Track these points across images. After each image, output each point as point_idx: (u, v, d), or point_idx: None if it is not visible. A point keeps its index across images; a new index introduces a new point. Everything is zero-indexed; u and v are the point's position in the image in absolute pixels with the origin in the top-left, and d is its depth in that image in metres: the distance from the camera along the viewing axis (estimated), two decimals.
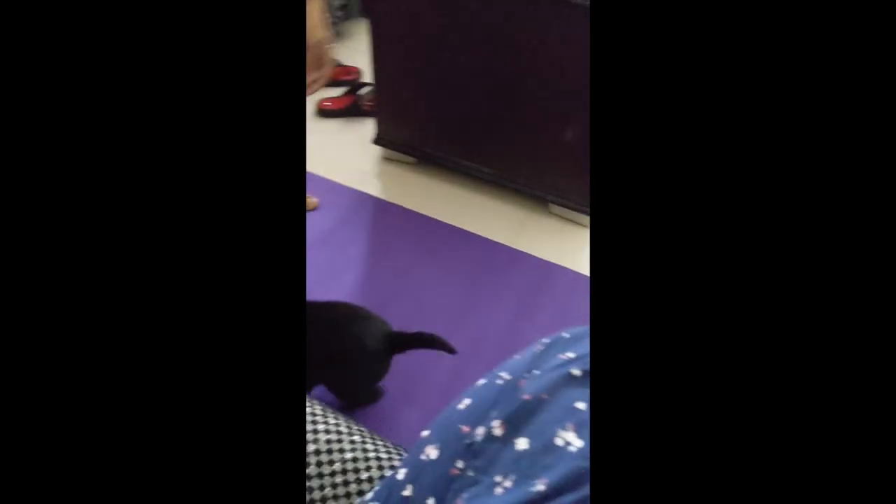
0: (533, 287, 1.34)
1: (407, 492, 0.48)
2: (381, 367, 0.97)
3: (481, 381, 0.52)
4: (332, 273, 1.32)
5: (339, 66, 1.92)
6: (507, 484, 0.39)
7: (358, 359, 0.92)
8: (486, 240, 1.43)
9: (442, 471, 0.46)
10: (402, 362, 1.16)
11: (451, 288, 1.31)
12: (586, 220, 1.49)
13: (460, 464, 0.45)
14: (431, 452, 0.48)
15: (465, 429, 0.47)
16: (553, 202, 1.49)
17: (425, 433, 0.52)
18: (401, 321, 1.24)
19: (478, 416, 0.47)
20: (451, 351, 0.97)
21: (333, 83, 1.90)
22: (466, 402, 0.50)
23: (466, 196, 1.56)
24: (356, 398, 1.04)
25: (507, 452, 0.41)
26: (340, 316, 0.94)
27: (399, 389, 1.11)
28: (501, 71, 1.32)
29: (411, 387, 1.12)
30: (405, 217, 1.48)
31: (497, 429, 0.44)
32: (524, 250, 1.41)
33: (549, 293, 1.33)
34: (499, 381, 0.49)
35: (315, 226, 1.43)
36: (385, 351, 0.94)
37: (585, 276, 1.37)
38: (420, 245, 1.41)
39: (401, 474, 0.50)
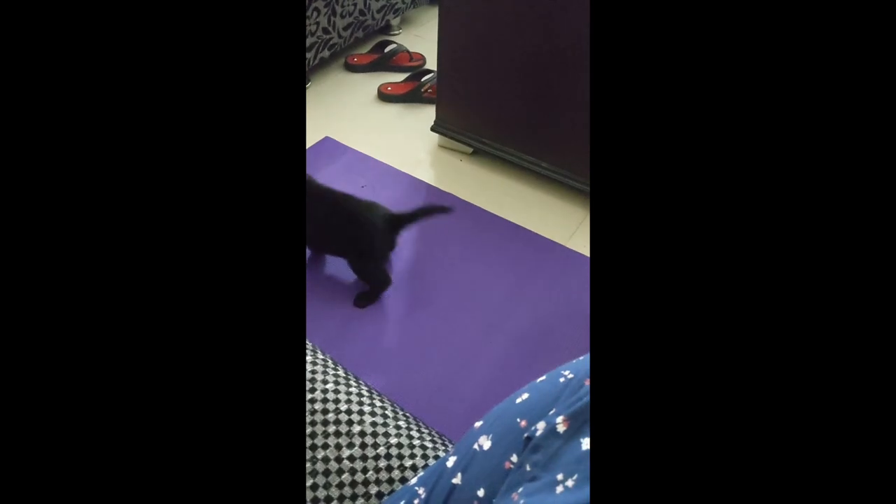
0: (583, 288, 1.30)
1: (456, 479, 0.47)
2: (390, 244, 1.20)
3: (542, 378, 0.50)
4: None
5: (404, 52, 1.92)
6: (569, 483, 0.37)
7: (373, 237, 1.17)
8: (539, 236, 1.39)
9: (495, 462, 0.45)
10: (447, 355, 1.15)
11: (498, 281, 1.29)
12: None
13: (515, 457, 0.44)
14: (485, 443, 0.47)
15: (523, 423, 0.45)
16: None
17: (478, 424, 0.50)
18: (445, 311, 1.23)
19: (538, 411, 0.45)
20: (444, 210, 1.23)
21: (396, 69, 1.90)
22: (525, 396, 0.49)
23: (521, 190, 1.53)
24: (373, 277, 1.22)
25: (570, 451, 0.40)
26: (353, 205, 1.18)
27: (443, 382, 1.10)
28: (568, 65, 1.29)
29: (455, 379, 1.11)
30: (457, 206, 1.47)
31: (560, 425, 0.42)
32: (578, 250, 1.37)
33: None
34: (562, 379, 0.47)
35: None
36: (391, 230, 1.18)
37: None
38: (470, 236, 1.39)
39: (450, 462, 0.49)
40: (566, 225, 1.44)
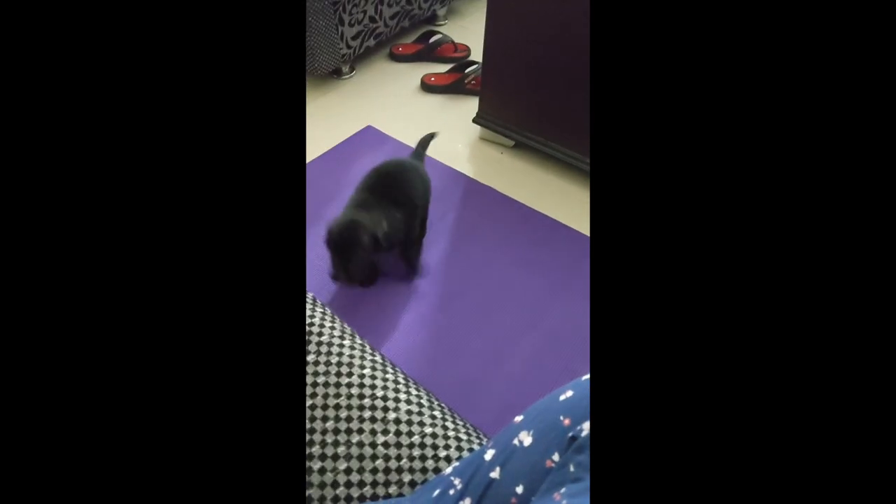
0: None
1: (494, 474, 0.46)
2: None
3: (586, 377, 0.49)
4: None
5: (448, 42, 1.91)
6: None
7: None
8: (579, 233, 1.37)
9: (536, 460, 0.44)
10: (481, 348, 1.14)
11: (535, 278, 1.28)
12: None
13: (557, 456, 0.43)
14: (525, 439, 0.46)
15: (567, 421, 0.45)
16: None
17: (518, 418, 0.50)
18: (481, 305, 1.22)
19: (582, 410, 0.45)
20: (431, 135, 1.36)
21: (440, 59, 1.89)
22: (569, 393, 0.48)
23: (562, 186, 1.50)
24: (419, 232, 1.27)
25: None
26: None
27: (477, 375, 1.10)
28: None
29: (489, 374, 1.10)
30: (496, 200, 1.45)
31: None
32: None
33: None
34: None
35: None
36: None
37: None
38: (508, 230, 1.38)
39: (488, 455, 0.48)
40: None
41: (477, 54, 1.64)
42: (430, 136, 1.36)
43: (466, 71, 1.76)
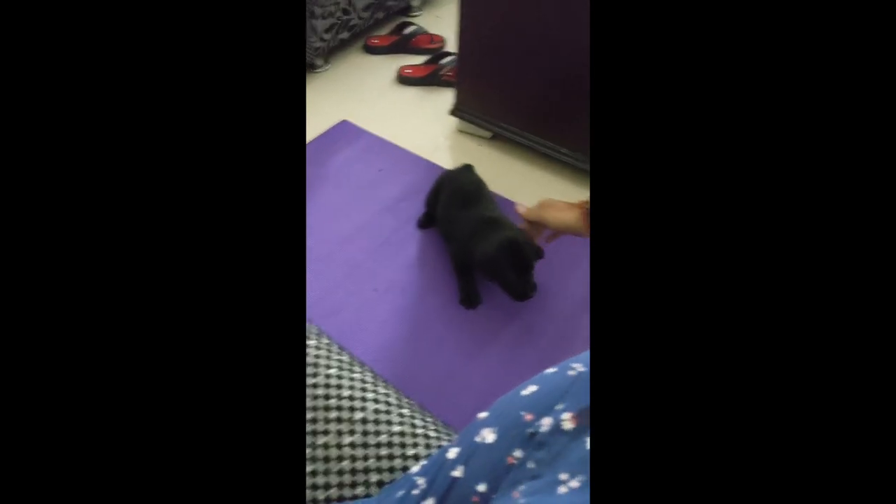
0: None
1: (457, 472, 0.45)
2: None
3: (550, 370, 0.48)
4: (395, 242, 1.31)
5: (424, 33, 1.89)
6: (574, 484, 0.36)
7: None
8: None
9: (498, 457, 0.43)
10: (458, 342, 1.13)
11: None
12: None
13: (518, 453, 0.42)
14: (488, 436, 0.45)
15: (528, 417, 0.44)
16: None
17: (482, 415, 0.49)
18: (457, 298, 1.21)
19: (544, 405, 0.43)
20: None
21: (416, 51, 1.86)
22: (532, 388, 0.47)
23: (540, 176, 1.49)
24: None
25: (575, 450, 0.38)
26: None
27: (453, 370, 1.09)
28: (573, 44, 1.24)
29: (465, 369, 1.09)
30: None
31: (567, 422, 0.40)
32: None
33: None
34: (571, 373, 0.45)
35: (383, 194, 1.41)
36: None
37: None
38: None
39: (452, 453, 0.47)
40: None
41: (453, 45, 1.62)
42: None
43: (442, 62, 1.74)
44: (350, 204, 1.38)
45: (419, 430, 0.61)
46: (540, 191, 1.44)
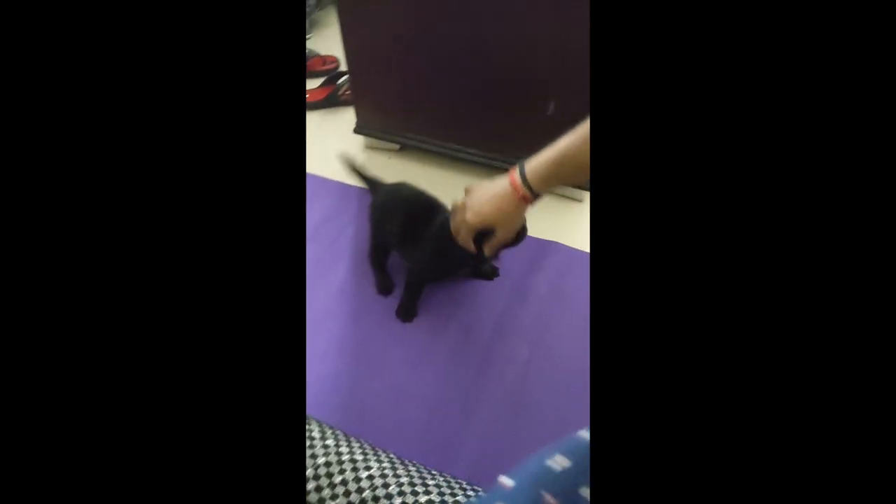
0: (528, 266, 1.31)
1: None
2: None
3: (582, 432, 0.45)
4: (323, 267, 1.29)
5: (316, 56, 1.88)
6: None
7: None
8: None
9: None
10: (403, 356, 1.13)
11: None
12: (578, 193, 1.46)
13: None
14: None
15: (550, 500, 0.40)
16: None
17: (505, 481, 0.44)
18: (393, 308, 1.22)
19: (569, 485, 0.40)
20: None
21: (311, 74, 1.85)
22: (560, 461, 0.43)
23: (454, 179, 1.52)
24: None
25: None
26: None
27: (397, 387, 1.09)
28: (479, 47, 1.28)
29: (408, 382, 1.10)
30: None
31: None
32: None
33: (545, 271, 1.30)
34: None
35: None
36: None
37: (581, 251, 1.34)
38: None
39: None
40: None
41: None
42: (353, 162, 1.32)
43: (338, 83, 1.74)
44: None
45: (345, 457, 0.60)
46: (454, 192, 1.46)
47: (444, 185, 1.50)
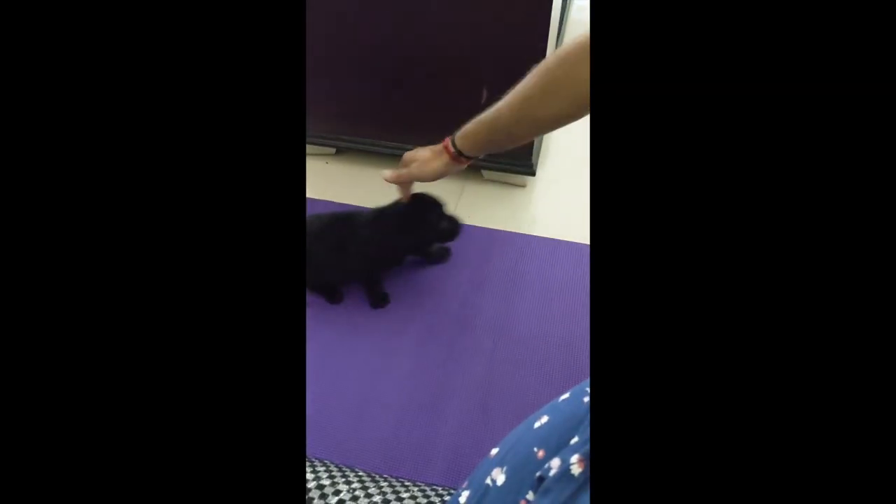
0: (481, 257, 1.30)
1: None
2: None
3: (564, 396, 0.45)
4: None
5: None
6: None
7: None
8: None
9: (510, 501, 0.40)
10: (367, 356, 1.10)
11: (398, 273, 1.26)
12: (521, 179, 1.46)
13: (531, 496, 0.39)
14: (498, 477, 0.42)
15: (541, 453, 0.41)
16: (484, 168, 1.45)
17: (494, 451, 0.45)
18: (352, 317, 1.18)
19: (556, 439, 0.41)
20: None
21: None
22: (544, 419, 0.44)
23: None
24: None
25: (584, 499, 0.34)
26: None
27: (363, 395, 1.06)
28: (405, 41, 1.26)
29: (375, 387, 1.06)
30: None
31: (576, 466, 0.36)
32: (465, 221, 1.36)
33: (499, 260, 1.30)
34: (586, 399, 0.42)
35: None
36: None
37: (530, 236, 1.35)
38: None
39: (463, 497, 0.43)
40: (446, 199, 1.43)
41: None
42: None
43: None
44: None
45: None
46: (394, 189, 1.44)
47: (378, 183, 1.47)
